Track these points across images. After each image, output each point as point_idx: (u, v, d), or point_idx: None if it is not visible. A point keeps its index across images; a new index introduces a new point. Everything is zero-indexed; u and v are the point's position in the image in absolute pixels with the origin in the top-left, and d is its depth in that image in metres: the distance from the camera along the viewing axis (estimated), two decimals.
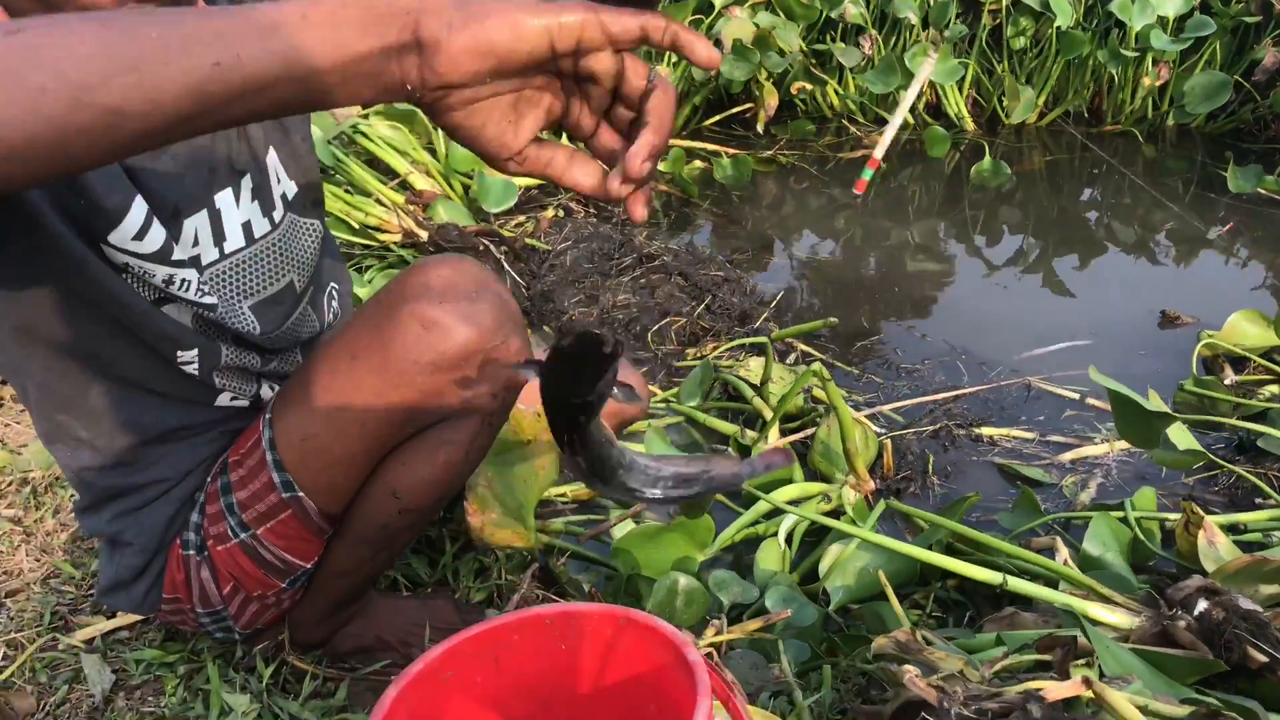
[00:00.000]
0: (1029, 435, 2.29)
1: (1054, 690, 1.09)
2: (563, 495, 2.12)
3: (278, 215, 1.33)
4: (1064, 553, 1.77)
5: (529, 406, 1.62)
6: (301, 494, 1.29)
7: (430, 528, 1.76)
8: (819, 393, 2.30)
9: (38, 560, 1.76)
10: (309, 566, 1.38)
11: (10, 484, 1.96)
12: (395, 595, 1.59)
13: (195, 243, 1.24)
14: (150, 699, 1.47)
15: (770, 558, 1.85)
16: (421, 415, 1.27)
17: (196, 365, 1.27)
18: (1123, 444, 2.23)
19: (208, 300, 1.23)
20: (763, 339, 2.36)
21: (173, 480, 1.35)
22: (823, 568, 1.80)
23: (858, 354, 2.64)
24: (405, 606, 1.56)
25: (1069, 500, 2.08)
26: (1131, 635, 1.46)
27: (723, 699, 1.02)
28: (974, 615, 1.78)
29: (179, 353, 1.25)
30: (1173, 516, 1.84)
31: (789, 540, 1.89)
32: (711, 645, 1.45)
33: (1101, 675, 1.28)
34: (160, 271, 1.17)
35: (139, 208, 1.12)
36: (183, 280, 1.20)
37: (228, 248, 1.28)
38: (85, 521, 1.36)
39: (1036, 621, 1.63)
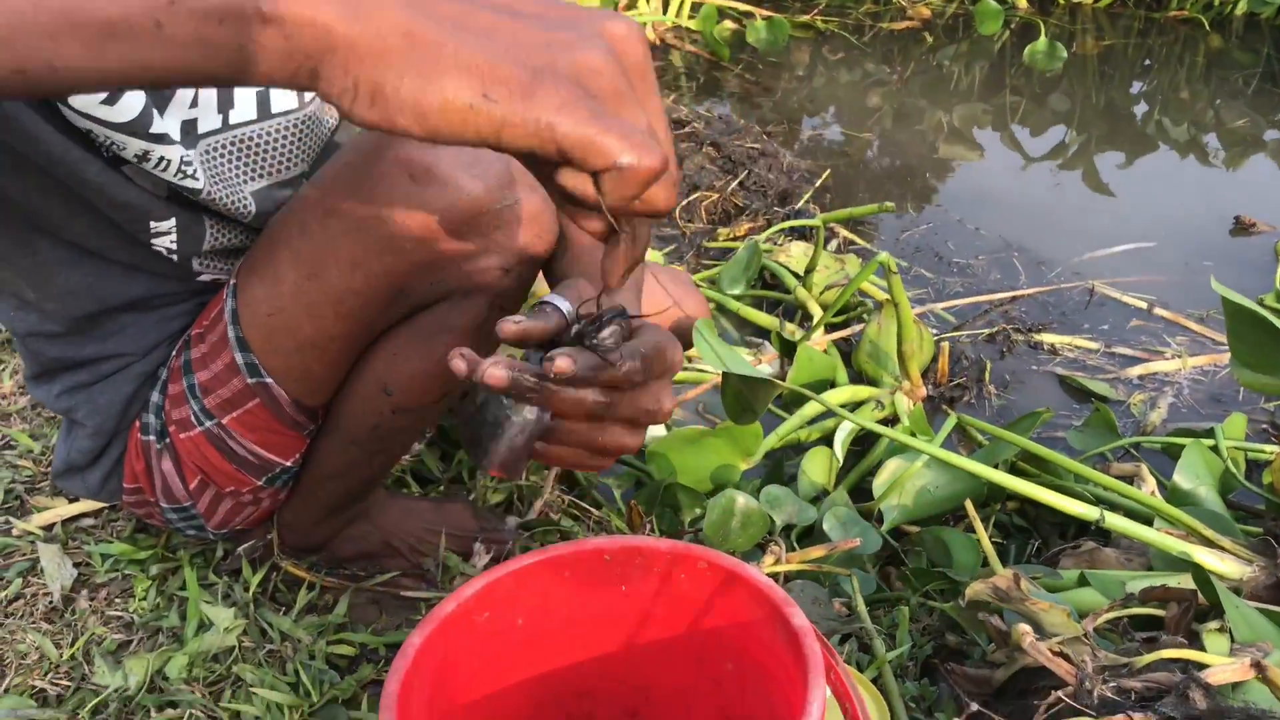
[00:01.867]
0: (1093, 345, 2.09)
1: (1217, 673, 0.90)
2: None
3: (307, 94, 1.08)
4: (1150, 483, 1.59)
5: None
6: (269, 380, 1.08)
7: (442, 418, 1.54)
8: (869, 286, 2.08)
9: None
10: (289, 464, 1.17)
11: None
12: (405, 496, 1.39)
13: (194, 103, 0.99)
14: (117, 601, 1.27)
15: (819, 468, 1.66)
16: (412, 292, 1.03)
17: (175, 246, 1.05)
18: (1196, 361, 2.03)
19: (190, 184, 0.99)
20: (813, 221, 2.13)
21: (134, 355, 1.12)
22: (877, 484, 1.61)
23: (905, 245, 2.41)
24: (417, 509, 1.36)
25: (1137, 420, 1.90)
26: (1244, 588, 1.29)
27: (826, 667, 0.82)
28: (1040, 545, 1.60)
29: (152, 225, 1.01)
30: (1269, 449, 1.66)
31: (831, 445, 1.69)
32: (770, 575, 1.26)
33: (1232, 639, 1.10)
34: (133, 145, 0.93)
35: None
36: (161, 159, 0.95)
37: (234, 118, 1.04)
38: (34, 392, 1.15)
39: (1119, 560, 1.46)
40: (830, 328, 2.03)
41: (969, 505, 1.36)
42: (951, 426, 1.60)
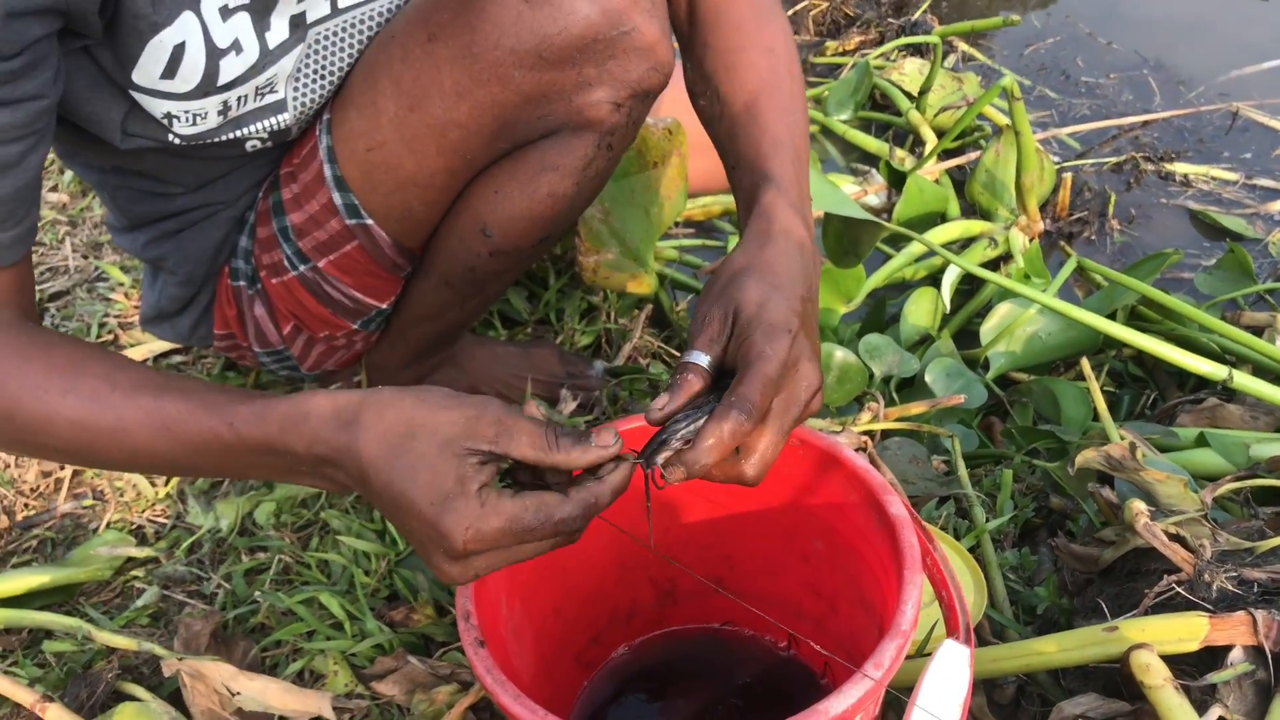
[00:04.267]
0: (1231, 176, 1.92)
1: None
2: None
3: None
4: None
5: (658, 121, 1.31)
6: (369, 221, 1.03)
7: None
8: (988, 109, 1.94)
9: (84, 259, 1.54)
10: (384, 307, 1.13)
11: (52, 163, 1.71)
12: (492, 340, 1.35)
13: None
14: None
15: (922, 311, 1.58)
16: (519, 126, 0.96)
17: (269, 143, 1.03)
18: None
19: (272, 120, 0.99)
20: (930, 38, 1.96)
21: (223, 203, 1.09)
22: (985, 330, 1.53)
23: (1029, 62, 2.23)
24: (505, 354, 1.32)
25: (1276, 262, 1.75)
26: None
27: (922, 552, 0.78)
28: (1156, 397, 1.51)
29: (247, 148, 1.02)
30: None
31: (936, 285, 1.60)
32: (866, 433, 1.21)
33: None
34: (210, 104, 0.92)
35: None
36: (241, 98, 0.94)
37: (342, 2, 0.96)
38: (119, 240, 1.12)
39: (1244, 418, 1.36)
40: (944, 155, 1.91)
41: (1085, 364, 1.27)
42: (1070, 272, 1.49)
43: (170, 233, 1.09)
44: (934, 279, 1.69)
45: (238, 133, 0.97)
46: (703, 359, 0.72)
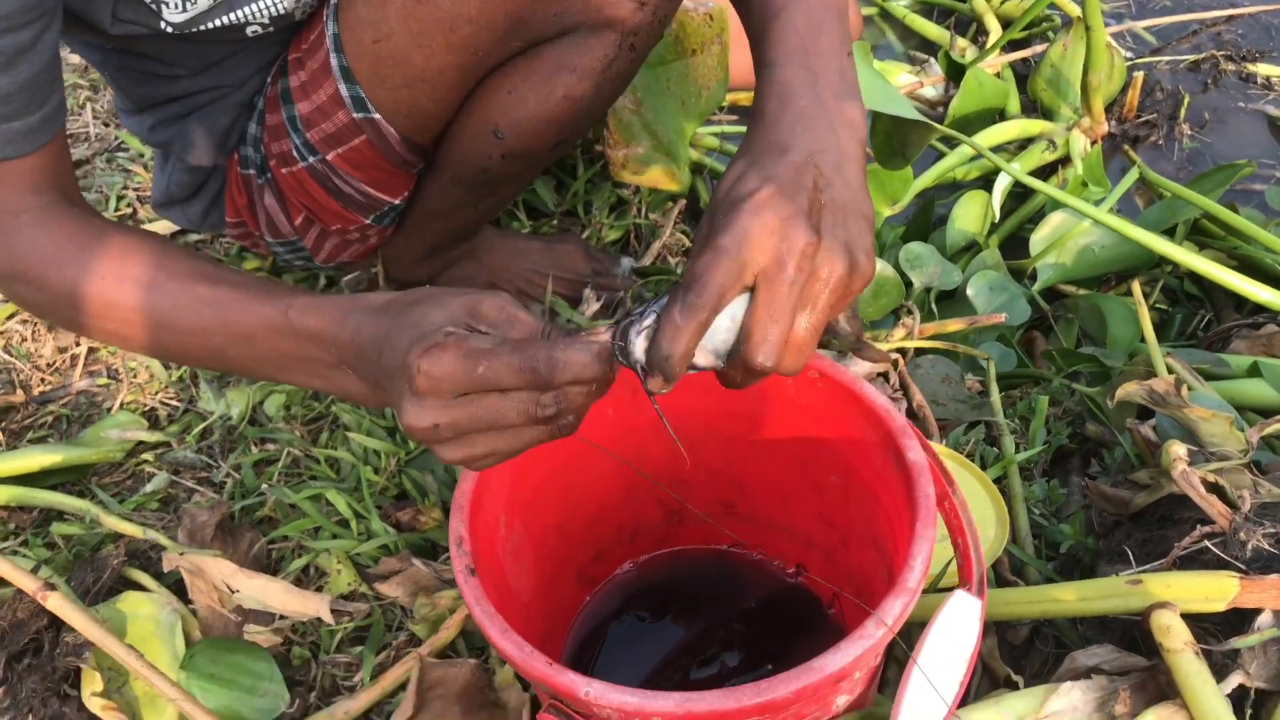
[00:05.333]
0: None
1: None
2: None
3: None
4: None
5: (699, 4, 1.23)
6: (377, 116, 0.97)
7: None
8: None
9: (105, 126, 1.50)
10: (397, 202, 1.09)
11: None
12: (514, 233, 1.30)
13: None
14: None
15: (971, 215, 1.50)
16: (533, 23, 0.89)
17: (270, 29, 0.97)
18: None
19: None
20: None
21: (230, 86, 1.03)
22: (1036, 240, 1.45)
23: None
24: (527, 249, 1.27)
25: None
26: None
27: (940, 497, 0.74)
28: (1211, 318, 1.43)
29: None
30: None
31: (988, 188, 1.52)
32: (898, 350, 1.15)
33: None
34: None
35: None
36: None
37: None
38: (127, 124, 1.08)
39: None
40: (1009, 46, 1.79)
41: (1136, 288, 1.20)
42: (1129, 183, 1.40)
43: (176, 116, 1.04)
44: (987, 181, 1.61)
45: (233, 16, 0.91)
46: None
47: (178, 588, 1.01)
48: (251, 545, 1.05)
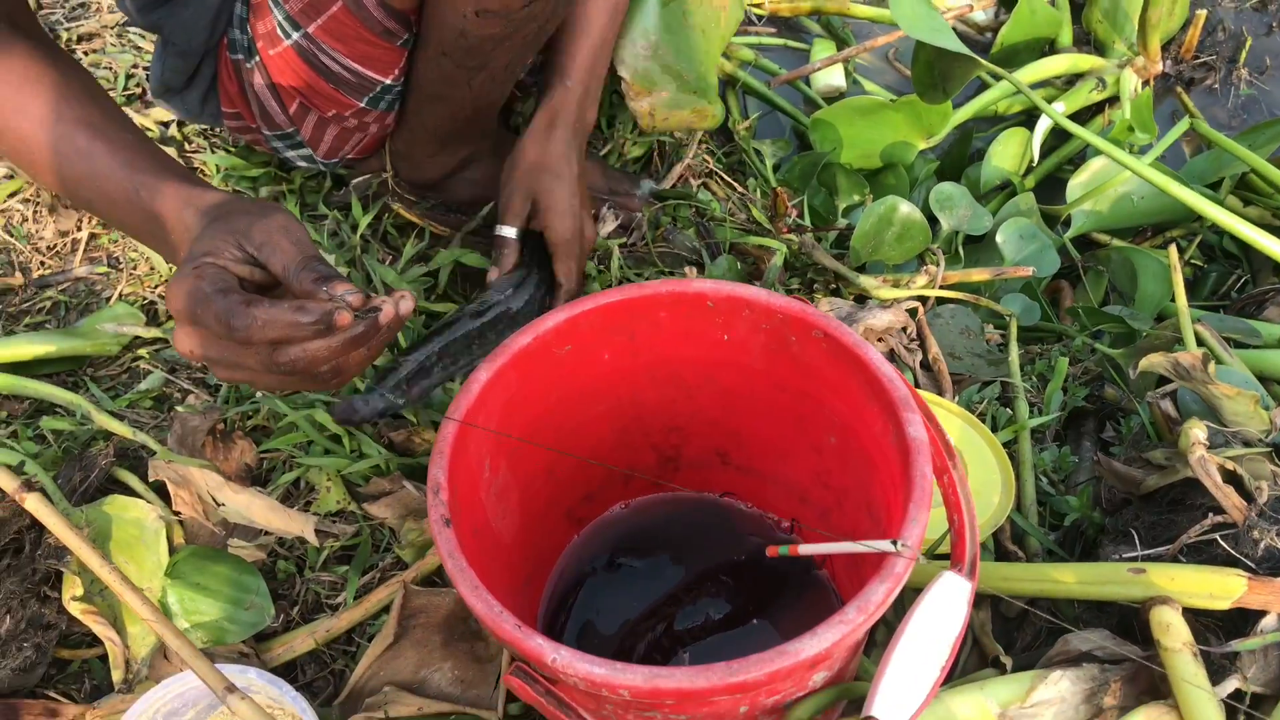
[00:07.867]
0: None
1: None
2: (757, 4, 1.67)
3: None
4: None
5: None
6: None
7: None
8: None
9: (111, 12, 1.44)
10: (388, 81, 1.04)
11: None
12: None
13: None
14: None
15: (1009, 154, 1.44)
16: None
17: None
18: None
19: None
20: None
21: None
22: (1074, 185, 1.40)
23: None
24: None
25: None
26: None
27: (939, 470, 0.71)
28: (1247, 280, 1.38)
29: None
30: None
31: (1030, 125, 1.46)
32: (917, 298, 1.11)
33: None
34: None
35: None
36: None
37: None
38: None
39: None
40: None
41: (1173, 253, 1.14)
42: (1178, 134, 1.33)
43: None
44: (1030, 116, 1.54)
45: None
46: (511, 232, 1.04)
47: (166, 492, 1.00)
48: (244, 454, 1.03)
